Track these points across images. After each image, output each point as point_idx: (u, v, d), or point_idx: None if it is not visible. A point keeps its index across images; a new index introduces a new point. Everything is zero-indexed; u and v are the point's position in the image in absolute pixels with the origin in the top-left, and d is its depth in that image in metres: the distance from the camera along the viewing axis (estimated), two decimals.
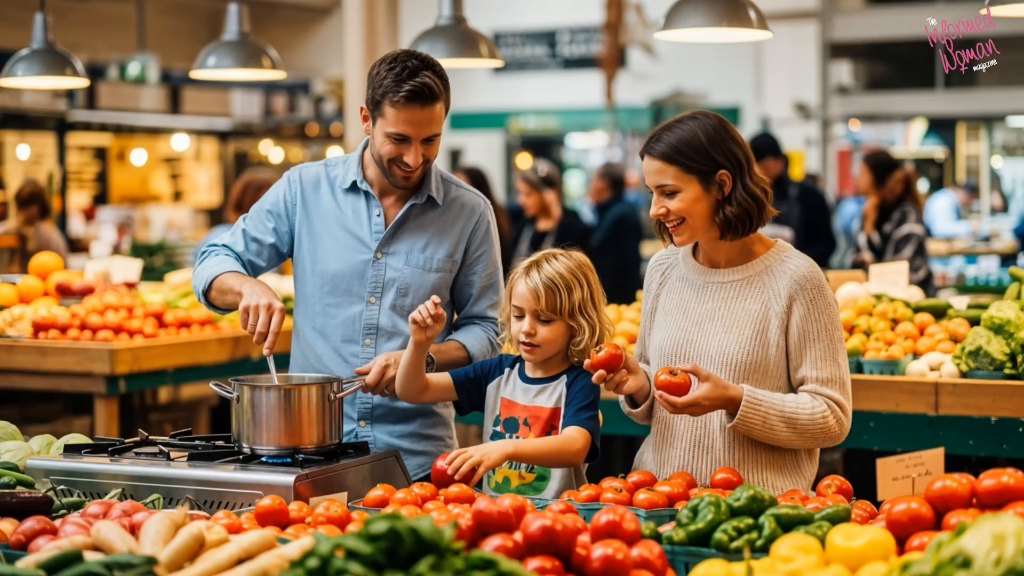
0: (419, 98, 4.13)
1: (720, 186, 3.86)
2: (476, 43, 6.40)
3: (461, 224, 4.42)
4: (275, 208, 4.44)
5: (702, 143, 3.84)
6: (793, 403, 3.83)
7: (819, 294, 3.87)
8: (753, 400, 3.78)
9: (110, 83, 19.07)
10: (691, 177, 3.84)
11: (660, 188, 3.88)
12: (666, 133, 3.88)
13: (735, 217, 3.86)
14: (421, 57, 4.20)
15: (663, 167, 3.86)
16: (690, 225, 3.89)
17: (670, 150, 3.85)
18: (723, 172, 3.85)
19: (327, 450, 3.97)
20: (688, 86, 22.15)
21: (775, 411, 3.80)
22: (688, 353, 3.94)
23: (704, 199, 3.86)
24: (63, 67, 7.14)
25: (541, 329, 4.03)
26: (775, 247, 3.98)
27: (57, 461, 3.98)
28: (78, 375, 6.89)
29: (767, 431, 3.81)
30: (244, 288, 4.15)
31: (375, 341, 4.35)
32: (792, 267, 3.90)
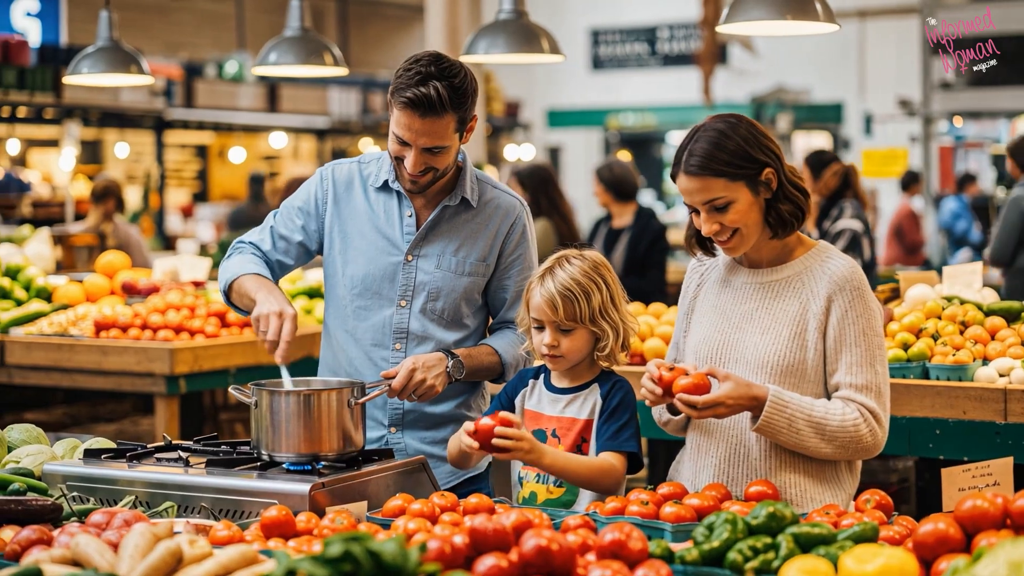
0: (417, 107, 3.97)
1: (767, 185, 3.69)
2: (537, 38, 6.23)
3: (495, 227, 4.27)
4: (306, 206, 4.32)
5: (741, 145, 3.66)
6: (823, 408, 3.65)
7: (858, 296, 3.69)
8: (779, 401, 3.61)
9: (208, 81, 19.14)
10: (739, 184, 3.67)
11: (710, 204, 3.68)
12: (696, 145, 3.68)
13: (789, 213, 3.71)
14: (444, 65, 4.02)
15: (708, 182, 3.66)
16: (744, 235, 3.72)
17: (711, 161, 3.65)
18: (768, 170, 3.68)
19: (348, 457, 3.83)
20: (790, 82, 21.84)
21: (802, 414, 3.62)
22: (724, 355, 3.77)
23: (755, 203, 3.70)
24: (128, 64, 7.10)
25: (563, 340, 3.88)
26: (816, 248, 3.81)
27: (74, 466, 3.88)
28: (139, 375, 6.84)
29: (794, 435, 3.64)
30: (258, 295, 4.04)
31: (405, 345, 4.22)
32: (832, 268, 3.72)
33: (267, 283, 4.12)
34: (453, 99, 3.99)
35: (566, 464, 3.76)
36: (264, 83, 19.86)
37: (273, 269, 4.31)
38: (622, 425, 3.86)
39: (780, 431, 3.62)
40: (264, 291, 4.05)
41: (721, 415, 3.62)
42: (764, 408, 3.60)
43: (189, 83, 18.48)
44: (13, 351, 7.13)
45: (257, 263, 4.23)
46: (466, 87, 4.03)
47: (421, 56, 4.04)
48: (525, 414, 3.97)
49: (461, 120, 4.06)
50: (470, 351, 4.21)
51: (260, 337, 3.99)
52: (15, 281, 7.74)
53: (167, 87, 17.92)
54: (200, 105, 18.40)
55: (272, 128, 20.66)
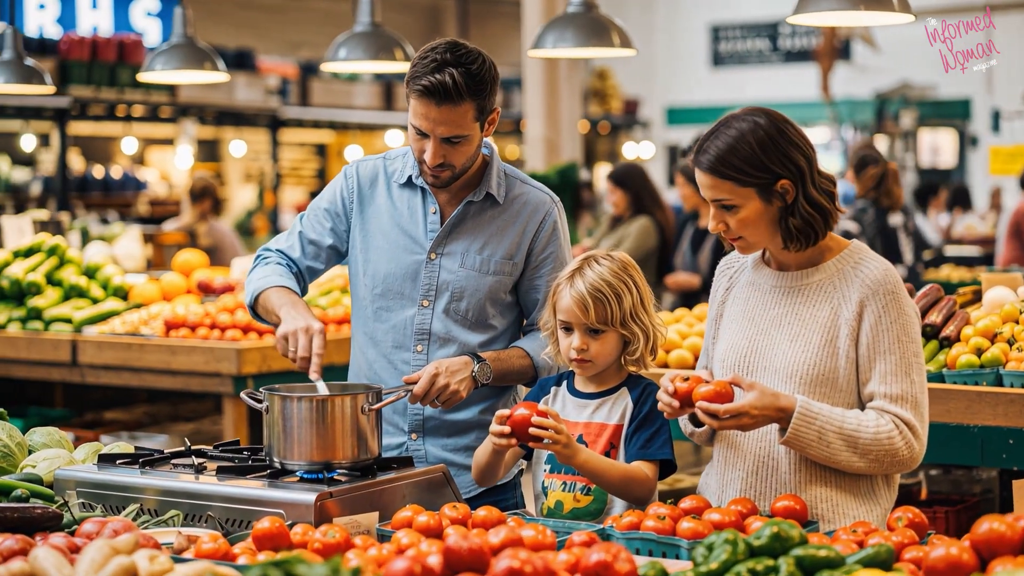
0: (433, 95, 3.83)
1: (783, 195, 3.48)
2: (608, 31, 6.04)
3: (523, 224, 4.10)
4: (332, 206, 4.19)
5: (755, 152, 3.45)
6: (855, 419, 3.43)
7: (893, 301, 3.47)
8: (807, 412, 3.39)
9: (323, 80, 19.17)
10: (748, 191, 3.47)
11: (717, 202, 3.51)
12: (713, 141, 3.50)
13: (797, 230, 3.50)
14: (461, 52, 3.87)
15: (716, 182, 3.49)
16: (750, 242, 3.54)
17: (720, 163, 3.47)
18: (784, 182, 3.47)
19: (363, 466, 3.69)
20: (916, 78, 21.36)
21: (833, 426, 3.41)
22: (752, 364, 3.56)
23: (766, 211, 3.50)
24: (202, 61, 7.05)
25: (593, 343, 3.71)
26: (849, 248, 3.58)
27: (87, 472, 3.78)
28: (206, 375, 6.77)
29: (824, 449, 3.42)
30: (282, 312, 3.92)
31: (427, 347, 4.07)
32: (865, 271, 3.50)
33: (291, 297, 4.00)
34: (470, 86, 3.85)
35: (598, 466, 3.60)
36: (380, 81, 19.86)
37: (302, 277, 4.18)
38: (654, 432, 3.68)
39: (809, 444, 3.41)
40: (288, 307, 3.93)
41: (745, 426, 3.41)
42: (792, 420, 3.38)
43: (304, 82, 18.52)
44: (85, 350, 7.11)
45: (282, 274, 4.11)
46: (484, 74, 3.88)
47: (438, 44, 3.90)
48: None
49: (480, 109, 3.90)
50: (498, 354, 4.05)
51: (289, 357, 3.86)
52: (92, 280, 7.73)
53: (282, 86, 17.97)
54: (315, 104, 18.44)
55: (388, 126, 20.65)
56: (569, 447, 3.54)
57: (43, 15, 18.74)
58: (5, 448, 4.01)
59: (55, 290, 7.52)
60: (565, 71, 10.55)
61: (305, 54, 20.58)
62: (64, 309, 7.35)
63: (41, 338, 7.25)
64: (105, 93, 15.66)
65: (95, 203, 17.55)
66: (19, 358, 7.29)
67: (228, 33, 20.67)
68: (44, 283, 7.54)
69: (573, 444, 3.55)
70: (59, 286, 7.56)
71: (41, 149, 17.15)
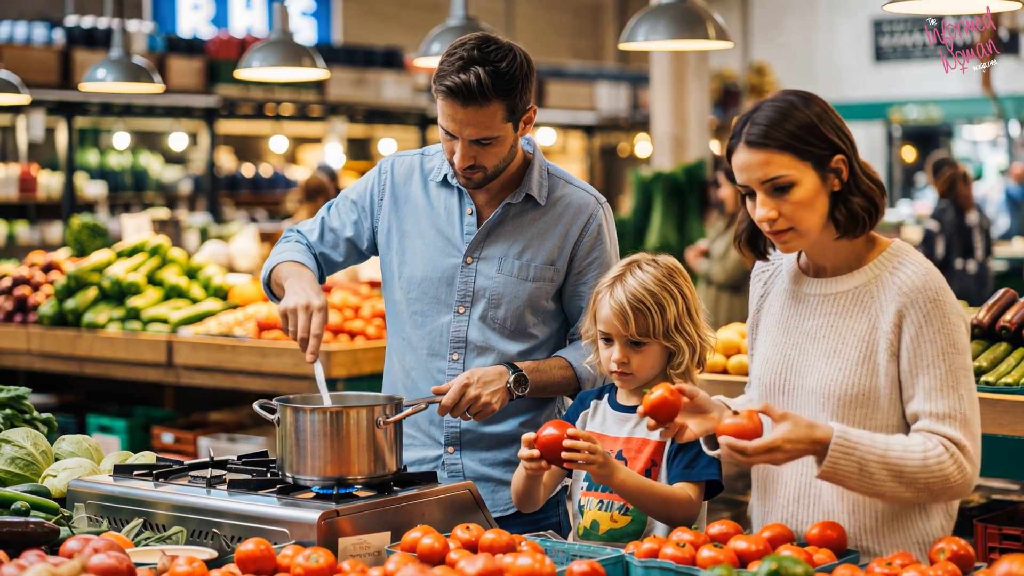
0: (458, 95, 3.61)
1: (838, 173, 3.12)
2: (702, 23, 5.76)
3: (565, 227, 3.85)
4: (360, 200, 3.99)
5: (811, 120, 3.08)
6: (900, 446, 3.06)
7: (935, 309, 3.10)
8: (845, 442, 3.01)
9: None
10: (806, 164, 3.09)
11: (770, 183, 3.10)
12: (761, 115, 3.12)
13: (862, 208, 3.13)
14: (490, 48, 3.64)
15: (771, 156, 3.08)
16: (802, 231, 3.13)
17: (777, 131, 3.08)
18: (840, 157, 3.11)
19: (379, 482, 3.48)
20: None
21: (875, 456, 3.03)
22: (788, 381, 3.25)
23: (822, 192, 3.11)
24: (300, 58, 6.91)
25: (634, 356, 3.46)
26: (889, 249, 3.22)
27: (99, 484, 3.63)
28: (296, 377, 6.62)
29: (866, 481, 3.04)
30: (286, 284, 3.74)
31: (463, 356, 3.85)
32: (902, 277, 3.14)
33: (299, 271, 3.81)
34: (498, 85, 3.61)
35: (637, 485, 3.33)
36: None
37: (318, 262, 3.99)
38: (699, 451, 3.41)
39: (849, 477, 3.04)
40: (292, 280, 3.74)
41: (778, 461, 3.05)
42: (828, 451, 3.01)
43: None
44: (180, 351, 7.02)
45: (299, 251, 3.93)
46: (514, 72, 3.64)
47: (467, 39, 3.67)
48: None
49: (511, 108, 3.67)
50: (538, 364, 3.81)
51: (289, 334, 3.67)
52: (194, 280, 7.66)
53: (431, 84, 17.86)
54: None
55: (539, 124, 20.46)
56: (606, 467, 3.27)
57: (197, 15, 18.94)
58: (28, 456, 3.89)
59: (156, 290, 7.47)
60: (693, 66, 10.25)
61: None
62: (162, 309, 7.29)
63: (138, 339, 7.18)
64: (254, 92, 15.73)
65: (244, 201, 17.65)
66: (117, 358, 7.24)
67: (381, 32, 20.69)
68: (145, 283, 7.49)
69: (610, 463, 3.29)
70: (160, 286, 7.51)
71: (192, 148, 17.28)
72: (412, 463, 3.95)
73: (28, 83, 13.50)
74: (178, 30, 18.25)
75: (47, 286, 7.81)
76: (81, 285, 7.53)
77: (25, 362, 7.65)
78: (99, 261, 7.62)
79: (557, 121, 20.39)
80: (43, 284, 7.85)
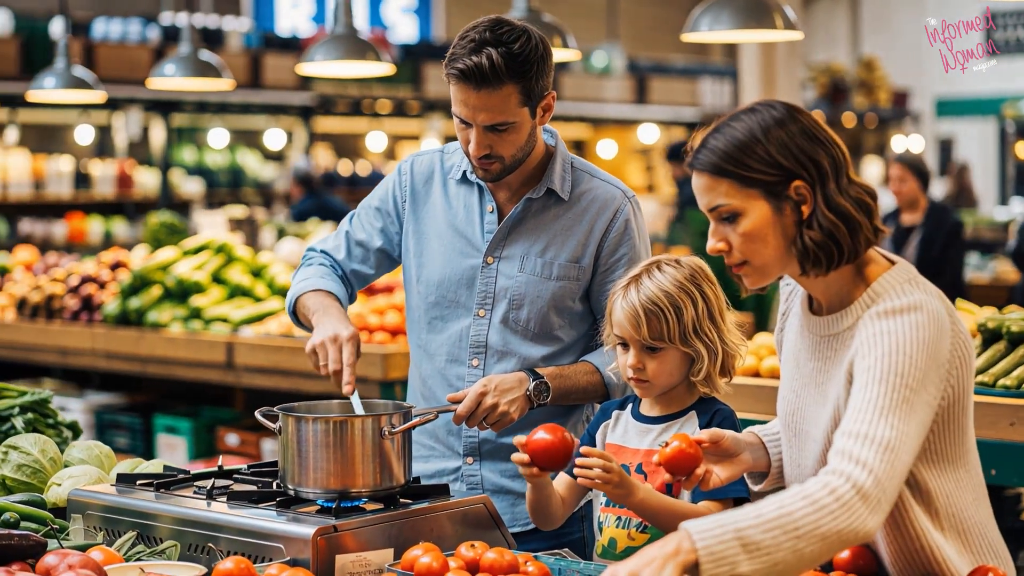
0: (469, 78, 3.42)
1: (797, 204, 2.74)
2: (768, 12, 5.53)
3: (590, 223, 3.64)
4: (384, 205, 3.80)
5: (761, 143, 2.73)
6: (772, 500, 2.52)
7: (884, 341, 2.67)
8: (703, 524, 2.46)
9: (574, 75, 18.87)
10: (752, 192, 2.74)
11: (715, 212, 2.80)
12: (714, 136, 2.79)
13: (815, 245, 2.73)
14: (504, 30, 3.45)
15: (712, 181, 2.77)
16: (756, 265, 2.79)
17: (718, 158, 2.75)
18: (798, 183, 2.74)
19: (384, 495, 3.29)
20: None
21: (748, 521, 2.45)
22: (798, 425, 2.95)
23: (776, 222, 2.75)
24: (364, 52, 6.75)
25: (649, 362, 3.23)
26: (874, 285, 2.79)
27: (99, 494, 3.47)
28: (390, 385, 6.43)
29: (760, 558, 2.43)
30: (313, 320, 3.59)
31: (483, 361, 3.65)
32: (868, 316, 2.74)
33: (324, 302, 3.64)
34: (511, 67, 3.42)
35: (657, 505, 3.07)
36: (633, 75, 19.46)
37: (348, 281, 3.81)
38: None
39: (737, 562, 2.42)
40: (319, 315, 3.59)
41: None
42: (695, 542, 2.42)
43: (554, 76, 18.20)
44: (240, 352, 6.89)
45: (325, 275, 3.75)
46: (528, 53, 3.44)
47: (480, 22, 3.49)
48: (606, 448, 3.35)
49: (526, 92, 3.47)
50: (561, 370, 3.60)
51: (321, 371, 3.50)
52: (258, 279, 7.53)
53: None
54: (566, 98, 18.15)
55: (640, 121, 20.20)
56: (622, 486, 3.02)
57: (296, 13, 18.93)
58: (35, 463, 3.76)
59: (220, 289, 7.36)
60: (783, 59, 9.96)
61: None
62: (224, 309, 7.17)
63: (198, 338, 7.07)
64: (350, 89, 15.66)
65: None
66: (178, 358, 7.13)
67: None
68: (209, 282, 7.38)
69: (627, 483, 3.03)
70: (224, 285, 7.39)
71: (289, 146, 17.26)
72: (431, 475, 3.76)
73: (125, 81, 13.58)
74: (276, 28, 18.25)
75: (113, 284, 7.73)
76: (145, 284, 7.44)
77: (90, 362, 7.58)
78: (164, 259, 7.52)
79: (659, 117, 20.13)
80: (110, 282, 7.78)
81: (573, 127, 20.42)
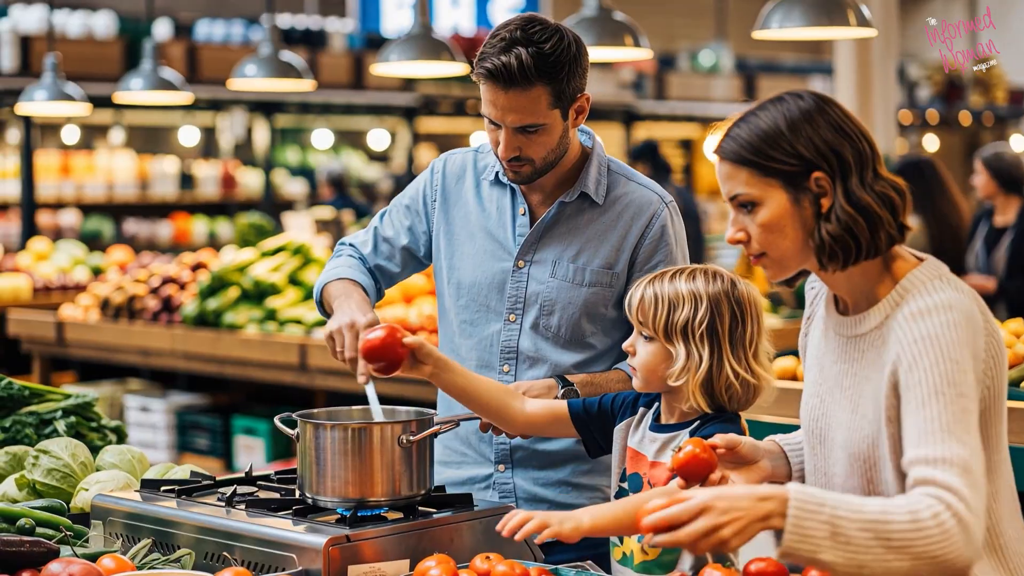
0: (498, 78, 3.34)
1: (816, 196, 2.67)
2: (842, 9, 5.37)
3: (625, 228, 3.53)
4: (413, 204, 3.73)
5: (783, 133, 2.65)
6: (878, 503, 2.45)
7: (928, 347, 2.56)
8: (808, 498, 2.41)
9: (681, 73, 18.70)
10: (771, 181, 2.67)
11: (734, 200, 2.73)
12: (739, 125, 2.72)
13: (832, 238, 2.65)
14: (535, 29, 3.36)
15: (732, 169, 2.71)
16: (774, 257, 2.72)
17: (739, 145, 2.69)
18: (818, 174, 2.66)
19: (403, 504, 3.21)
20: None
21: (849, 513, 2.41)
22: (822, 431, 2.82)
23: (794, 213, 2.68)
24: (439, 52, 6.68)
25: (640, 348, 3.11)
26: (903, 281, 2.70)
27: (121, 500, 3.42)
28: (420, 382, 6.36)
29: (843, 550, 2.39)
30: (334, 305, 3.49)
31: (515, 367, 3.56)
32: (902, 316, 2.64)
33: (348, 291, 3.54)
34: (541, 67, 3.33)
35: (612, 515, 2.90)
36: (742, 74, 19.24)
37: (374, 275, 3.74)
38: None
39: (820, 545, 2.39)
40: (340, 300, 3.49)
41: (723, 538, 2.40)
42: (789, 511, 2.40)
43: (661, 75, 18.10)
44: (313, 353, 6.85)
45: (352, 266, 3.67)
46: (559, 54, 3.35)
47: (512, 20, 3.40)
48: (628, 452, 3.23)
49: (557, 94, 3.38)
50: (592, 378, 3.50)
51: (337, 358, 3.42)
52: None
53: (637, 80, 17.59)
54: (672, 97, 17.99)
55: None
56: (564, 524, 2.81)
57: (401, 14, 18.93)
58: (66, 468, 3.73)
59: (296, 291, 7.33)
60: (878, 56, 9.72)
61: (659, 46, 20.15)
62: (299, 311, 7.15)
63: (272, 340, 7.04)
64: (453, 90, 15.63)
65: None
66: (253, 359, 7.11)
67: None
68: (285, 283, 7.36)
69: (569, 520, 2.83)
70: (300, 286, 7.37)
71: (393, 146, 17.26)
72: (463, 482, 3.68)
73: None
74: (382, 29, 18.26)
75: (193, 285, 7.74)
76: (223, 285, 7.44)
77: (169, 362, 7.59)
78: (242, 261, 7.52)
79: None
80: (190, 283, 7.79)
81: (680, 126, 20.23)
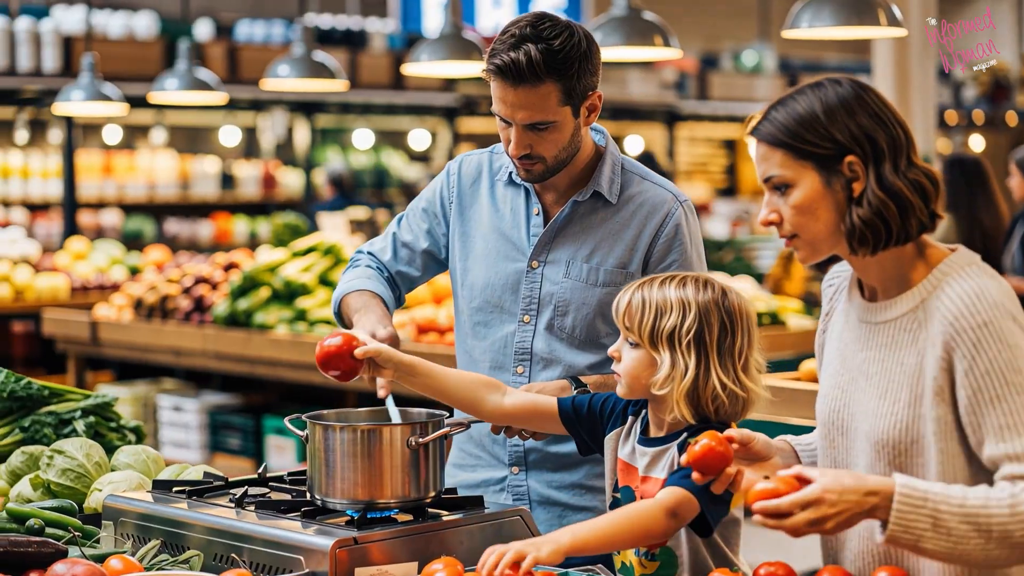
0: (507, 75, 3.32)
1: (849, 180, 2.69)
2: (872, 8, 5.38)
3: (639, 227, 3.50)
4: (431, 206, 3.71)
5: (818, 116, 2.68)
6: (980, 494, 2.54)
7: (986, 334, 2.59)
8: (913, 491, 2.52)
9: (723, 73, 18.63)
10: (805, 164, 2.68)
11: (769, 181, 2.75)
12: (776, 108, 2.75)
13: (862, 222, 2.67)
14: (545, 25, 3.34)
15: (769, 151, 2.72)
16: (806, 239, 2.73)
17: (776, 128, 2.71)
18: (851, 158, 2.67)
19: (412, 506, 3.18)
20: None
21: (951, 506, 2.52)
22: (844, 423, 2.80)
23: (826, 196, 2.70)
24: (469, 52, 6.68)
25: (626, 354, 3.01)
26: (940, 266, 2.71)
27: (132, 500, 3.41)
28: None
29: (945, 541, 2.52)
30: (355, 318, 3.49)
31: (528, 369, 3.53)
32: (947, 300, 2.64)
33: (368, 304, 3.54)
34: (551, 64, 3.30)
35: (592, 534, 2.80)
36: (785, 74, 19.14)
37: (394, 283, 3.72)
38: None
39: (923, 537, 2.52)
40: (360, 313, 3.49)
41: (826, 527, 2.54)
42: (893, 505, 2.52)
43: (703, 75, 18.04)
44: None
45: (370, 276, 3.66)
46: (569, 51, 3.33)
47: (523, 17, 3.38)
48: (618, 464, 3.17)
49: (567, 91, 3.35)
50: (606, 379, 3.46)
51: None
52: None
53: (679, 80, 17.53)
54: (714, 97, 17.93)
55: None
56: (541, 549, 2.72)
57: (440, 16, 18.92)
58: (80, 468, 3.72)
59: (326, 291, 7.33)
60: (917, 56, 9.62)
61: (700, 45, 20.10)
62: (329, 311, 7.12)
63: (302, 340, 7.03)
64: None
65: None
66: (283, 359, 7.11)
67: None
68: (316, 284, 7.35)
69: (547, 543, 2.74)
70: (330, 287, 7.36)
71: (434, 146, 17.25)
72: (477, 484, 3.66)
73: None
74: (424, 29, 18.27)
75: (225, 285, 7.75)
76: (255, 285, 7.44)
77: (201, 362, 7.60)
78: (273, 261, 7.52)
79: None
80: (222, 283, 7.80)
81: (722, 127, 20.17)
